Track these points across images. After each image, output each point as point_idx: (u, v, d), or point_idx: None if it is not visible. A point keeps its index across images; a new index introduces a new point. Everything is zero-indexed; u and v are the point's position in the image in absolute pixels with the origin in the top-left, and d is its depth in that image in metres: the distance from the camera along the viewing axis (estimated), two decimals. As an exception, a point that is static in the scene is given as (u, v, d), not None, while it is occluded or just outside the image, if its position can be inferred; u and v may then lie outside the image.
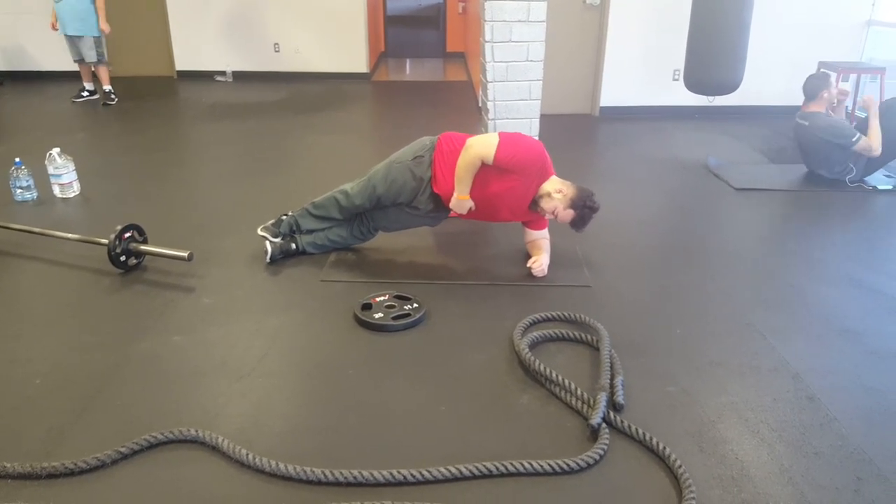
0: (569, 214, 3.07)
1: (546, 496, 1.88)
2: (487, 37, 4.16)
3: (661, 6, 6.42)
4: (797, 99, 6.51)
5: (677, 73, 6.57)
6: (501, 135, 3.05)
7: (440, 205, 3.25)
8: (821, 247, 3.64)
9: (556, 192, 3.05)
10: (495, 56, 4.18)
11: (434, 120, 6.66)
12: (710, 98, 5.03)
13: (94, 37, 6.66)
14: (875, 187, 4.56)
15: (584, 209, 3.04)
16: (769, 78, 6.68)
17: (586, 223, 3.11)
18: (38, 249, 3.41)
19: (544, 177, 3.09)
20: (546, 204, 3.07)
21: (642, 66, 6.72)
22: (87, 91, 7.09)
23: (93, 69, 6.93)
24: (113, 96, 6.97)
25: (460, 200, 3.12)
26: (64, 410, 2.19)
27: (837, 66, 6.05)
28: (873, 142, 4.41)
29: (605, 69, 6.74)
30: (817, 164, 4.73)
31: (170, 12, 8.26)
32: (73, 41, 6.66)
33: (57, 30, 6.65)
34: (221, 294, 3.00)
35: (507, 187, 3.07)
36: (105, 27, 6.59)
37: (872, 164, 4.59)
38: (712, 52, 4.51)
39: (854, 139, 4.44)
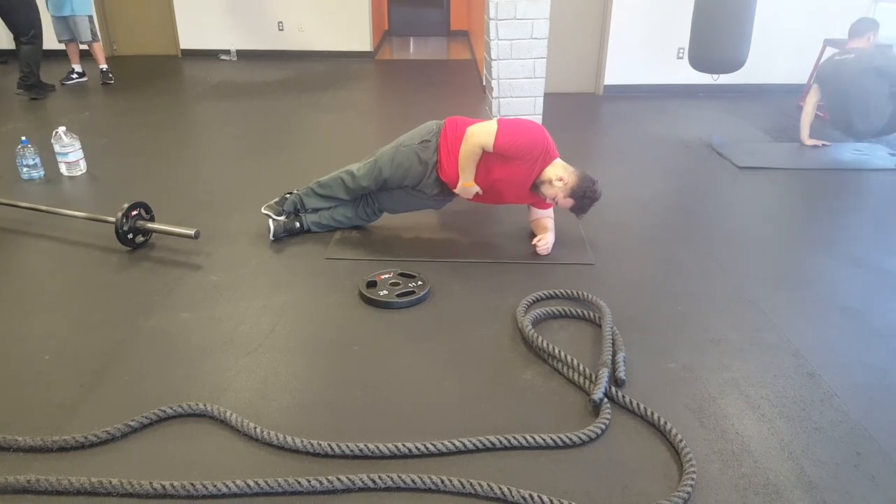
0: (569, 202, 3.08)
1: (548, 469, 1.91)
2: (492, 14, 4.14)
3: (666, -17, 6.38)
4: (802, 77, 6.49)
5: (682, 51, 6.54)
6: (500, 122, 3.05)
7: (445, 189, 3.26)
8: (823, 225, 3.65)
9: (558, 179, 3.05)
10: (500, 34, 4.17)
11: (438, 99, 6.65)
12: (715, 76, 5.01)
13: (89, 15, 6.65)
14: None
15: (583, 199, 3.05)
16: (774, 56, 6.64)
17: (586, 211, 3.13)
18: (45, 227, 3.44)
19: (547, 161, 3.09)
20: (547, 191, 3.09)
21: (646, 45, 6.68)
22: (77, 73, 7.00)
23: (87, 49, 6.90)
24: (111, 75, 6.95)
25: (466, 187, 3.14)
26: (73, 385, 2.22)
27: (844, 44, 5.98)
28: None
29: (609, 47, 6.70)
30: (850, 111, 4.45)
31: (173, -9, 8.24)
32: (65, 21, 6.61)
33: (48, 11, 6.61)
34: (228, 271, 3.03)
35: (510, 173, 3.08)
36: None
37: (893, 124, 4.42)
38: (717, 31, 4.49)
39: None
